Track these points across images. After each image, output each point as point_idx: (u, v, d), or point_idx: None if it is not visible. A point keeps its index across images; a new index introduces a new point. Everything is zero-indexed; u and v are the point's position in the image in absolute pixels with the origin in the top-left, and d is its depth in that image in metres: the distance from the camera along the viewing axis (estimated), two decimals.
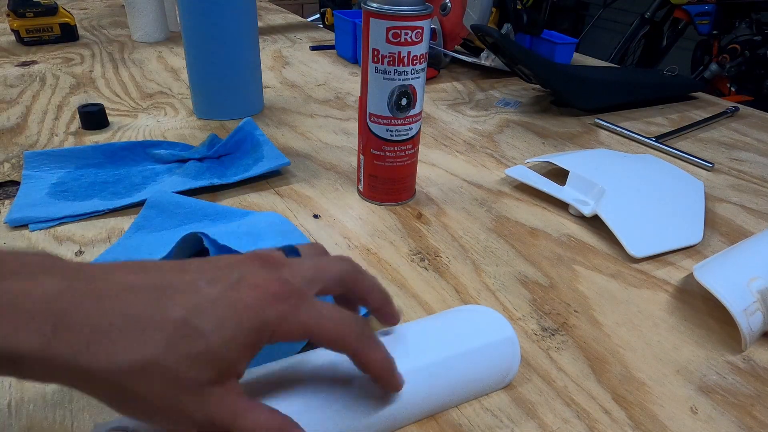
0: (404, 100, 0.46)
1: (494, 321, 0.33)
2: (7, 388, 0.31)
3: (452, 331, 0.32)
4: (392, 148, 0.48)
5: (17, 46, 0.96)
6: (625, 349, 0.36)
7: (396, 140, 0.48)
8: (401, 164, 0.50)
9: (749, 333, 0.35)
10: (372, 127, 0.48)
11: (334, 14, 0.98)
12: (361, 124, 0.49)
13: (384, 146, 0.48)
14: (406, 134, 0.48)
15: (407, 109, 0.47)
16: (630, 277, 0.43)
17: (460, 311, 0.34)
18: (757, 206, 0.54)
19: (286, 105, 0.74)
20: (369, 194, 0.52)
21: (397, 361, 0.27)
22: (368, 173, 0.51)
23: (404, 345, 0.30)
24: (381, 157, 0.49)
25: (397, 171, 0.50)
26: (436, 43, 0.92)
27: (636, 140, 0.68)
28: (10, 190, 0.50)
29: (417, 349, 0.30)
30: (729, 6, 2.04)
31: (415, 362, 0.29)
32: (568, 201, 0.50)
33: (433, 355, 0.30)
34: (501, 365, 0.31)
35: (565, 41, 0.92)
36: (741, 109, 0.80)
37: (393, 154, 0.49)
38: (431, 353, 0.30)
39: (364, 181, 0.52)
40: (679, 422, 0.31)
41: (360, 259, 0.43)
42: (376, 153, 0.49)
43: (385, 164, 0.49)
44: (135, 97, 0.74)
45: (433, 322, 0.33)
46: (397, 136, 0.48)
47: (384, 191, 0.51)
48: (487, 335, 0.32)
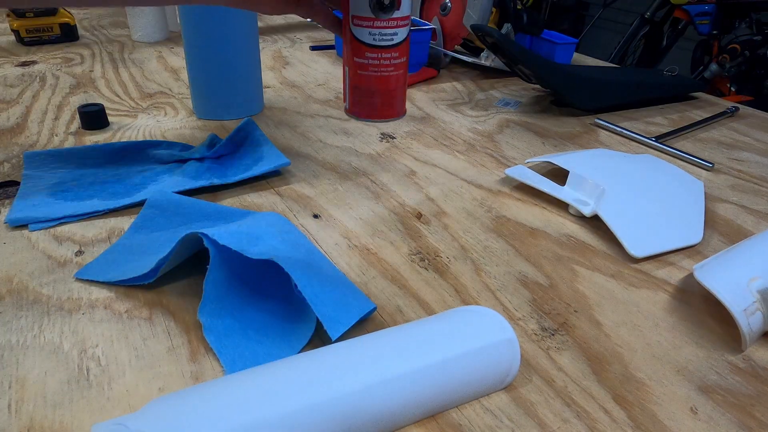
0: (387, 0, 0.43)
1: (494, 322, 0.33)
2: (7, 388, 0.31)
3: (451, 332, 0.32)
4: (376, 54, 0.46)
5: (17, 46, 0.96)
6: (625, 349, 0.36)
7: (380, 46, 0.45)
8: (386, 74, 0.46)
9: (749, 333, 0.35)
10: (355, 32, 0.45)
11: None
12: (345, 30, 0.45)
13: (367, 52, 0.45)
14: (391, 39, 0.46)
15: (390, 9, 0.44)
16: (630, 277, 0.43)
17: (459, 312, 0.34)
18: (757, 206, 0.54)
19: (286, 105, 0.74)
20: (354, 110, 0.48)
21: (395, 363, 0.27)
22: (353, 85, 0.47)
23: (403, 346, 0.30)
24: (365, 66, 0.46)
25: (382, 82, 0.46)
26: (436, 43, 0.92)
27: (636, 140, 0.68)
28: (10, 190, 0.50)
29: (416, 351, 0.30)
30: (729, 6, 2.04)
31: (413, 363, 0.29)
32: (568, 201, 0.50)
33: (432, 357, 0.29)
34: (500, 366, 0.31)
35: (565, 41, 0.92)
36: (741, 109, 0.80)
37: (377, 61, 0.46)
38: (430, 355, 0.30)
39: (348, 96, 0.48)
40: (679, 422, 0.31)
41: (360, 259, 0.43)
42: (359, 61, 0.46)
43: (369, 73, 0.46)
44: (135, 97, 0.74)
45: (431, 323, 0.33)
46: (380, 41, 0.45)
47: (369, 105, 0.48)
48: (486, 336, 0.32)
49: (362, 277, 0.41)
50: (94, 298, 0.38)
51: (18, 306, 0.37)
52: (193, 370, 0.32)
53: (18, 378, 0.31)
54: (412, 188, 0.54)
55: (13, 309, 0.36)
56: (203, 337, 0.34)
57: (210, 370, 0.32)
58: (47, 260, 0.41)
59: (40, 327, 0.35)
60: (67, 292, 0.38)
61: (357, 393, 0.27)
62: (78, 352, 0.33)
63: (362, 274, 0.42)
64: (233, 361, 0.33)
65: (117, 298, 0.38)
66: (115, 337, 0.34)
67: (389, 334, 0.31)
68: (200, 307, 0.35)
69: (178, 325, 0.36)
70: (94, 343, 0.34)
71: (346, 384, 0.27)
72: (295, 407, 0.26)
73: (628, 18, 2.34)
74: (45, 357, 0.33)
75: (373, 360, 0.29)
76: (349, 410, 0.27)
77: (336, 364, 0.28)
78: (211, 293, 0.36)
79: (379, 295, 0.39)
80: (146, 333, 0.35)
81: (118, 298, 0.38)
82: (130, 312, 0.37)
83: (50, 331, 0.35)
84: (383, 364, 0.29)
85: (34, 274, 0.40)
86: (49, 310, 0.36)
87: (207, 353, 0.34)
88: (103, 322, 0.36)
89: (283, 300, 0.37)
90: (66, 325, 0.35)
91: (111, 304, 0.37)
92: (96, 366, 0.32)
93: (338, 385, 0.27)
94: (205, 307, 0.35)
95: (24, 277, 0.39)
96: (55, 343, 0.34)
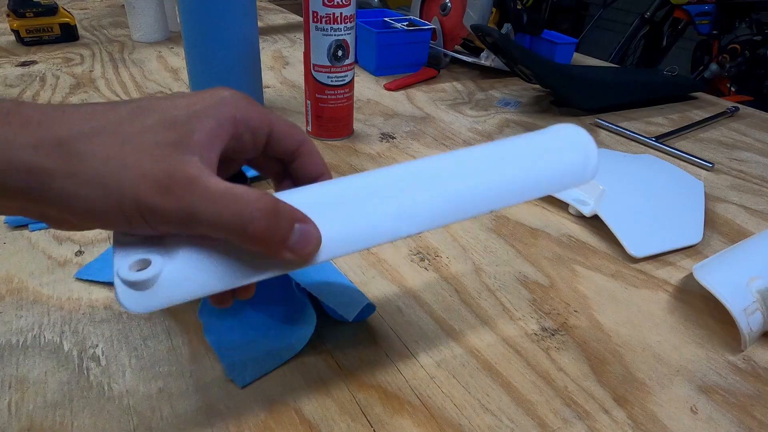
0: (340, 52, 0.59)
1: (563, 129, 0.31)
2: (7, 389, 0.31)
3: (524, 139, 0.30)
4: (333, 91, 0.61)
5: (17, 46, 0.96)
6: (625, 349, 0.36)
7: (335, 85, 0.61)
8: (341, 105, 0.62)
9: (749, 333, 0.35)
10: (316, 76, 0.60)
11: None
12: (307, 74, 0.62)
13: (327, 90, 0.61)
14: (343, 80, 0.61)
15: (343, 59, 0.60)
16: (630, 277, 0.43)
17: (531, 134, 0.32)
18: (757, 206, 0.54)
19: (286, 105, 0.74)
20: (316, 132, 0.64)
21: (473, 162, 0.28)
22: (315, 114, 0.63)
23: (474, 155, 0.29)
24: (324, 100, 0.61)
25: (338, 111, 0.62)
26: (436, 43, 0.92)
27: (636, 140, 0.68)
28: None
29: (490, 155, 0.29)
30: (729, 6, 2.04)
31: (490, 160, 0.29)
32: (568, 201, 0.50)
33: (508, 152, 0.29)
34: (574, 151, 0.29)
35: (565, 41, 0.92)
36: (741, 109, 0.80)
37: (334, 96, 0.61)
38: (505, 152, 0.29)
39: (312, 122, 0.64)
40: (679, 422, 0.31)
41: (359, 260, 0.43)
42: (320, 97, 0.61)
43: (327, 106, 0.62)
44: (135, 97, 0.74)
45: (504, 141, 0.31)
46: (336, 81, 0.60)
47: (328, 129, 0.64)
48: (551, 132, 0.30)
49: (362, 277, 0.41)
50: (94, 298, 0.38)
51: (18, 306, 0.37)
52: (193, 370, 0.32)
53: (18, 378, 0.31)
54: None
55: (13, 309, 0.36)
56: (203, 337, 0.34)
57: (210, 370, 0.32)
58: (47, 260, 0.41)
59: (40, 327, 0.35)
60: (67, 292, 0.38)
61: (433, 176, 0.27)
62: (78, 352, 0.33)
63: (362, 274, 0.42)
64: (233, 361, 0.33)
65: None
66: (115, 337, 0.34)
67: (457, 152, 0.30)
68: (200, 307, 0.35)
69: (178, 325, 0.36)
70: (94, 343, 0.34)
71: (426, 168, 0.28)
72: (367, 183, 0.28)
73: (628, 18, 2.34)
74: (45, 357, 0.33)
75: (455, 163, 0.29)
76: (427, 182, 0.27)
77: (420, 169, 0.28)
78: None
79: (379, 295, 0.39)
80: (146, 333, 0.35)
81: None
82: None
83: (50, 331, 0.35)
84: (464, 162, 0.28)
85: (34, 274, 0.40)
86: (49, 310, 0.36)
87: (207, 353, 0.34)
88: (103, 322, 0.36)
89: (283, 300, 0.37)
90: (66, 325, 0.35)
91: (111, 304, 0.37)
92: (96, 366, 0.32)
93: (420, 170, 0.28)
94: (205, 307, 0.35)
95: (24, 277, 0.39)
96: (55, 343, 0.34)
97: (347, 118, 0.64)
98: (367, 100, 0.77)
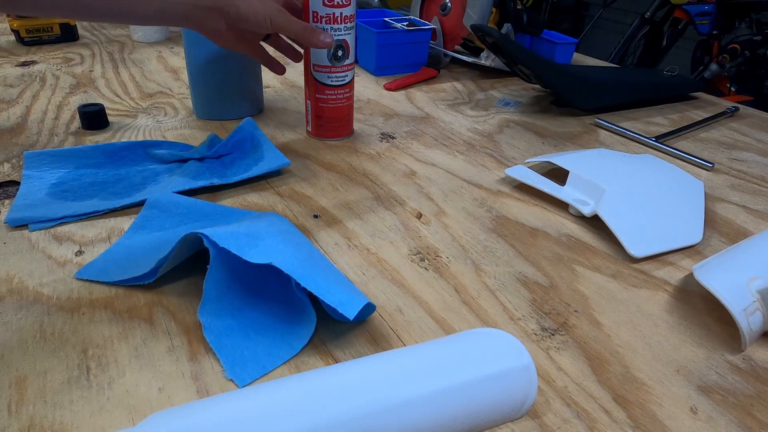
0: (340, 52, 0.59)
1: (509, 346, 0.30)
2: (7, 388, 0.31)
3: (465, 356, 0.29)
4: (333, 91, 0.61)
5: (17, 46, 0.96)
6: (625, 349, 0.36)
7: (335, 85, 0.61)
8: (341, 105, 0.62)
9: (749, 333, 0.35)
10: (316, 76, 0.60)
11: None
12: (307, 74, 0.61)
13: (327, 90, 0.61)
14: (343, 80, 0.61)
15: (343, 59, 0.59)
16: (630, 277, 0.43)
17: (471, 335, 0.32)
18: (757, 206, 0.54)
19: (286, 105, 0.74)
20: (316, 132, 0.64)
21: (403, 388, 0.26)
22: (315, 114, 0.63)
23: (411, 369, 0.28)
24: (324, 100, 0.61)
25: (338, 111, 0.62)
26: (436, 43, 0.92)
27: (636, 140, 0.68)
28: (10, 190, 0.50)
29: (424, 375, 0.28)
30: (729, 6, 2.04)
31: (421, 389, 0.27)
32: (568, 201, 0.50)
33: (441, 382, 0.27)
34: (516, 394, 0.29)
35: (565, 41, 0.92)
36: (741, 109, 0.80)
37: (334, 96, 0.61)
38: (439, 380, 0.28)
39: (311, 122, 0.64)
40: (679, 422, 0.31)
41: (360, 260, 0.43)
42: (320, 97, 0.61)
43: (327, 105, 0.62)
44: (135, 97, 0.74)
45: (441, 345, 0.30)
46: (336, 81, 0.60)
47: (328, 129, 0.63)
48: (500, 362, 0.29)
49: (362, 277, 0.41)
50: (94, 298, 0.38)
51: (18, 306, 0.37)
52: (193, 370, 0.32)
53: (18, 378, 0.31)
54: (412, 188, 0.54)
55: (13, 309, 0.36)
56: (203, 337, 0.34)
57: (210, 370, 0.32)
58: (47, 260, 0.41)
59: (40, 327, 0.35)
60: (67, 292, 0.38)
61: (365, 418, 0.26)
62: (78, 352, 0.33)
63: (362, 274, 0.42)
64: (233, 361, 0.33)
65: (117, 298, 0.38)
66: (115, 337, 0.34)
67: (399, 355, 0.29)
68: (200, 307, 0.35)
69: (178, 325, 0.36)
70: (94, 343, 0.34)
71: (353, 408, 0.26)
72: (296, 430, 0.24)
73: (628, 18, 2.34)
74: (45, 357, 0.33)
75: (383, 383, 0.27)
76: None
77: (343, 387, 0.27)
78: (211, 293, 0.36)
79: (379, 295, 0.39)
80: (146, 333, 0.35)
81: (118, 298, 0.38)
82: (130, 312, 0.37)
83: (50, 331, 0.35)
84: (393, 388, 0.27)
85: (34, 274, 0.40)
86: (49, 310, 0.36)
87: (207, 353, 0.34)
88: (103, 322, 0.36)
89: (283, 300, 0.37)
90: (66, 325, 0.35)
91: (111, 304, 0.37)
92: (96, 366, 0.32)
93: (345, 409, 0.26)
94: (205, 307, 0.35)
95: (24, 277, 0.39)
96: (55, 343, 0.34)
97: (347, 118, 0.64)
98: (367, 100, 0.77)
